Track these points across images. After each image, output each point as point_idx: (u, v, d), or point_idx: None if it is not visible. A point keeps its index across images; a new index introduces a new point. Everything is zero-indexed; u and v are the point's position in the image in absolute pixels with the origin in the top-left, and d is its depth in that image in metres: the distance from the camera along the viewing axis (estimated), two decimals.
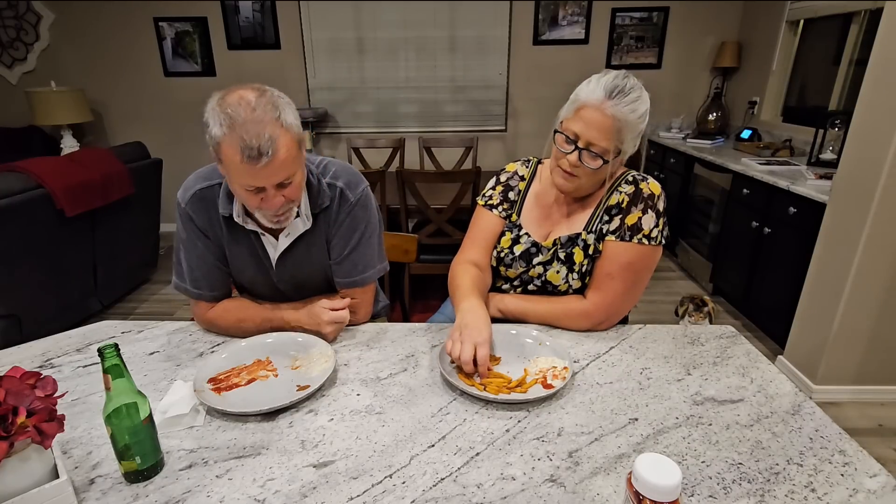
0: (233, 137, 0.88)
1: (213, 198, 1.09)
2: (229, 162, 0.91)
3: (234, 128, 0.88)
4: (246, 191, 0.94)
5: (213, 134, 0.91)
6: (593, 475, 0.70)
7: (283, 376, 0.93)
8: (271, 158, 0.89)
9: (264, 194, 0.95)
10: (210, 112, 0.91)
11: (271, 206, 0.96)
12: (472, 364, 0.89)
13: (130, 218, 2.88)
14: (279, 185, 0.95)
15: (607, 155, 1.02)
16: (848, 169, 1.87)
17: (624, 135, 1.01)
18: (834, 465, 0.71)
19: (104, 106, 4.13)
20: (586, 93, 1.01)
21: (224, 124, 0.88)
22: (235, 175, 0.93)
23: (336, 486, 0.69)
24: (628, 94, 0.99)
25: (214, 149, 0.93)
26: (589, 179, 1.07)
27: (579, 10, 3.82)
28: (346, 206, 1.12)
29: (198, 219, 1.09)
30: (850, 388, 2.04)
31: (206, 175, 1.11)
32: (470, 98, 4.07)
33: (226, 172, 0.95)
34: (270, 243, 1.12)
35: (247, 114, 0.88)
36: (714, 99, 3.82)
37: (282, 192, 0.96)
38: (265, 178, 0.92)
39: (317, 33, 3.90)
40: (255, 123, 0.88)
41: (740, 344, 1.04)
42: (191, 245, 1.11)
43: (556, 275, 1.13)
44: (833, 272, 1.93)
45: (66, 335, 1.10)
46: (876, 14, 2.58)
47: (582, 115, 1.02)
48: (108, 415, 0.67)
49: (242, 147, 0.88)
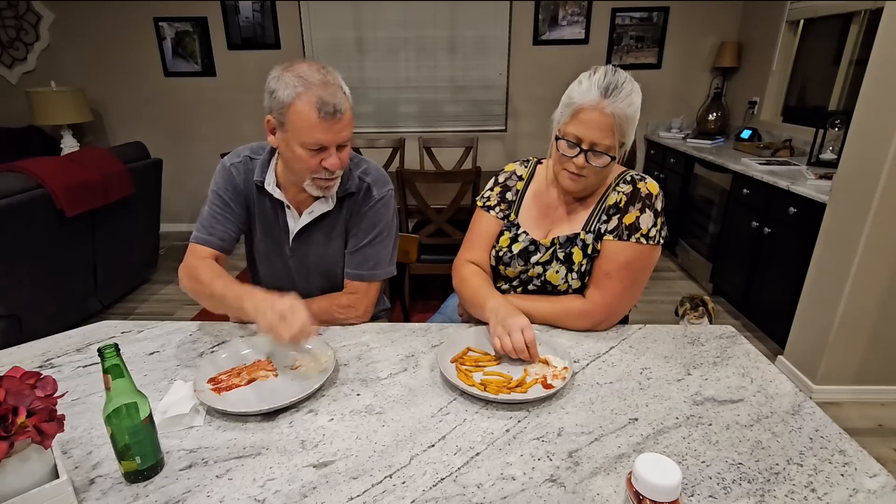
0: (309, 96, 0.98)
1: (254, 168, 1.19)
2: (302, 120, 1.00)
3: (309, 88, 0.99)
4: (309, 150, 1.03)
5: (283, 96, 1.00)
6: (593, 475, 0.70)
7: (283, 376, 0.93)
8: (343, 115, 1.02)
9: (325, 154, 1.04)
10: (276, 80, 1.01)
11: (333, 165, 1.05)
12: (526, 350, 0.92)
13: (130, 218, 2.88)
14: (338, 147, 1.05)
15: (612, 151, 1.03)
16: (848, 169, 1.87)
17: (625, 129, 1.02)
18: (834, 465, 0.71)
19: (104, 106, 4.13)
20: (581, 94, 1.02)
21: (298, 85, 0.99)
22: (307, 132, 1.01)
23: (336, 486, 0.69)
24: (622, 88, 1.00)
25: (280, 112, 1.01)
26: (596, 177, 1.09)
27: (579, 10, 3.82)
28: (371, 200, 1.19)
29: (238, 177, 1.18)
30: (850, 388, 2.04)
31: (254, 149, 1.21)
32: (470, 98, 4.07)
33: (291, 133, 1.02)
34: (293, 217, 1.19)
35: (320, 77, 1.00)
36: (714, 99, 3.82)
37: (340, 155, 1.06)
38: (335, 134, 1.02)
39: (317, 33, 3.90)
40: (328, 85, 1.00)
41: (740, 344, 1.04)
42: (217, 196, 1.18)
43: (555, 275, 1.13)
44: (833, 272, 1.93)
45: (66, 335, 1.10)
46: (876, 14, 2.58)
47: (581, 118, 1.02)
48: (108, 415, 0.67)
49: (319, 104, 0.98)
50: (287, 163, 1.10)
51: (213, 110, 4.12)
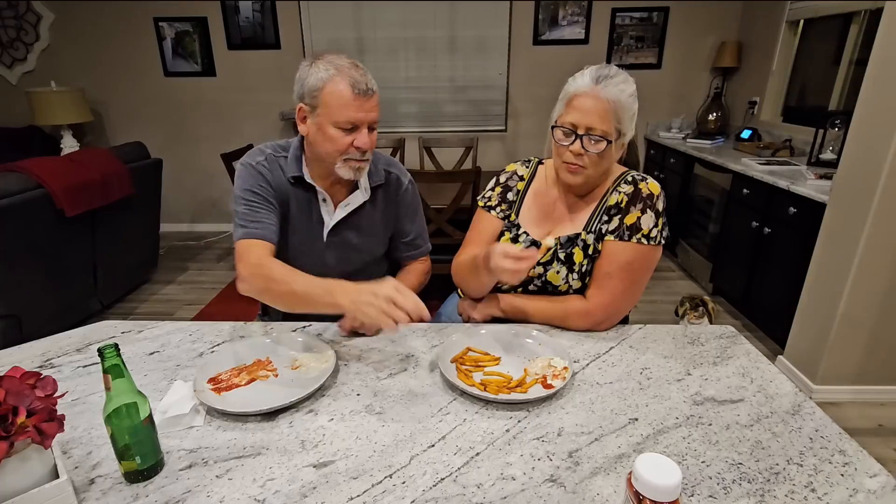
0: (342, 76, 1.05)
1: (281, 164, 1.21)
2: (336, 98, 1.05)
3: (341, 69, 1.06)
4: (342, 130, 1.08)
5: (315, 81, 1.06)
6: (593, 475, 0.70)
7: (283, 376, 0.93)
8: (374, 95, 1.09)
9: (357, 133, 1.09)
10: (305, 69, 1.08)
11: (364, 144, 1.10)
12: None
13: (130, 218, 2.88)
14: (369, 128, 1.10)
15: (609, 136, 1.03)
16: (848, 169, 1.87)
17: (620, 115, 1.02)
18: (834, 465, 0.71)
19: (104, 106, 4.13)
20: (575, 85, 1.04)
21: (330, 68, 1.06)
22: (340, 110, 1.06)
23: (336, 486, 0.69)
24: (615, 76, 1.02)
25: (313, 96, 1.07)
26: (596, 168, 1.08)
27: (579, 10, 3.82)
28: (402, 186, 1.29)
29: (268, 175, 1.19)
30: (850, 388, 2.04)
31: (275, 148, 1.23)
32: (470, 98, 4.07)
33: (323, 115, 1.08)
34: (328, 210, 1.23)
35: (350, 63, 1.08)
36: (714, 99, 3.82)
37: (369, 135, 1.11)
38: (366, 112, 1.08)
39: (317, 33, 3.90)
40: (359, 69, 1.08)
41: (740, 344, 1.04)
42: (251, 193, 1.16)
43: (556, 275, 1.13)
44: (833, 272, 1.93)
45: (66, 335, 1.10)
46: (876, 14, 2.58)
47: (576, 105, 1.04)
48: (108, 415, 0.67)
49: (353, 83, 1.05)
50: (318, 147, 1.13)
51: (213, 110, 4.12)
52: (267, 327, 1.14)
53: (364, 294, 0.89)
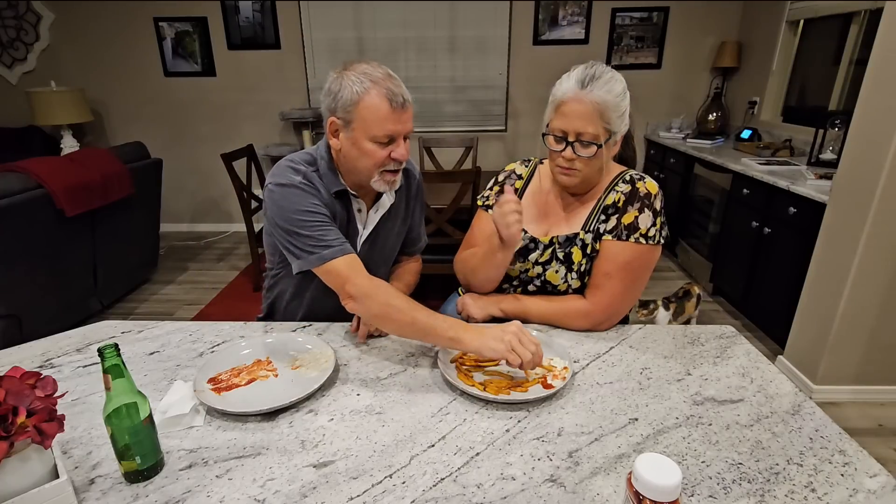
0: (379, 90, 1.01)
1: (316, 180, 1.12)
2: (372, 113, 1.02)
3: (377, 83, 1.02)
4: (378, 144, 1.05)
5: (350, 94, 1.02)
6: (593, 475, 0.70)
7: (283, 376, 0.93)
8: (410, 105, 1.06)
9: (394, 145, 1.06)
10: (337, 82, 1.04)
11: (402, 156, 1.08)
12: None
13: (130, 218, 2.88)
14: (405, 138, 1.09)
15: (599, 139, 1.03)
16: (848, 169, 1.87)
17: (608, 116, 1.02)
18: (834, 465, 0.71)
19: (104, 106, 4.13)
20: (561, 90, 1.05)
21: (365, 81, 1.02)
22: (378, 125, 1.03)
23: (336, 486, 0.69)
24: (600, 77, 1.02)
25: (347, 111, 1.03)
26: (590, 169, 1.08)
27: (579, 10, 3.82)
28: (413, 180, 1.30)
29: (316, 193, 1.10)
30: (850, 388, 2.04)
31: (301, 163, 1.13)
32: (470, 98, 4.07)
33: (359, 129, 1.04)
34: (361, 221, 1.21)
35: (383, 72, 1.04)
36: (714, 99, 3.82)
37: (405, 145, 1.09)
38: (403, 124, 1.06)
39: (317, 33, 3.91)
40: (393, 78, 1.05)
41: (740, 344, 1.04)
42: (311, 214, 1.06)
43: (555, 275, 1.13)
44: (833, 272, 1.93)
45: (66, 335, 1.10)
46: (876, 14, 2.58)
47: (563, 111, 1.04)
48: (108, 415, 0.67)
49: (390, 96, 1.02)
50: (352, 162, 1.09)
51: (213, 110, 4.13)
52: (267, 327, 1.14)
53: (491, 339, 0.89)
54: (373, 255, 1.23)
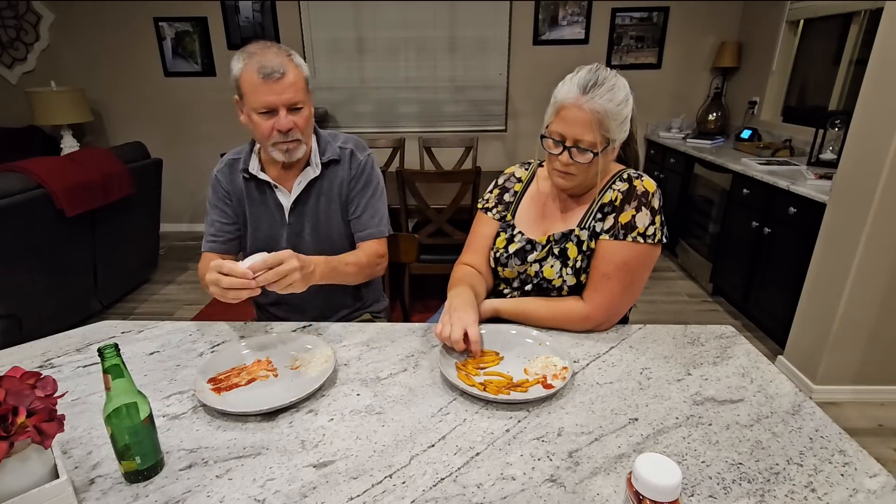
0: (251, 64, 1.11)
1: (237, 165, 1.29)
2: (248, 86, 1.12)
3: (252, 56, 1.11)
4: (262, 115, 1.13)
5: (235, 72, 1.13)
6: (593, 475, 0.70)
7: (283, 376, 0.93)
8: (282, 76, 1.11)
9: (277, 117, 1.13)
10: (233, 61, 1.15)
11: (281, 126, 1.14)
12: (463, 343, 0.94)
13: (130, 218, 2.88)
14: (290, 110, 1.14)
15: (595, 148, 1.03)
16: (848, 169, 1.87)
17: (607, 125, 1.02)
18: (834, 465, 0.71)
19: (104, 106, 4.13)
20: (563, 93, 1.04)
21: (244, 58, 1.12)
22: (253, 97, 1.12)
23: (336, 486, 0.69)
24: (602, 84, 1.01)
25: (237, 88, 1.15)
26: (586, 174, 1.08)
27: (579, 10, 3.82)
28: (357, 163, 1.31)
29: (224, 182, 1.29)
30: (850, 388, 2.04)
31: (237, 150, 1.32)
32: (470, 98, 4.07)
33: (247, 104, 1.14)
34: (283, 193, 1.28)
35: (263, 48, 1.13)
36: (714, 99, 3.82)
37: (292, 117, 1.15)
38: (277, 95, 1.11)
39: (317, 33, 3.90)
40: (268, 50, 1.12)
41: (740, 344, 1.04)
42: (213, 206, 1.31)
43: (550, 269, 1.13)
44: (833, 272, 1.93)
45: (66, 335, 1.10)
46: (876, 14, 2.58)
47: (563, 116, 1.04)
48: (108, 415, 0.67)
49: (259, 68, 1.10)
50: (253, 135, 1.21)
51: (213, 110, 4.12)
52: (267, 327, 1.14)
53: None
54: (310, 227, 1.29)
